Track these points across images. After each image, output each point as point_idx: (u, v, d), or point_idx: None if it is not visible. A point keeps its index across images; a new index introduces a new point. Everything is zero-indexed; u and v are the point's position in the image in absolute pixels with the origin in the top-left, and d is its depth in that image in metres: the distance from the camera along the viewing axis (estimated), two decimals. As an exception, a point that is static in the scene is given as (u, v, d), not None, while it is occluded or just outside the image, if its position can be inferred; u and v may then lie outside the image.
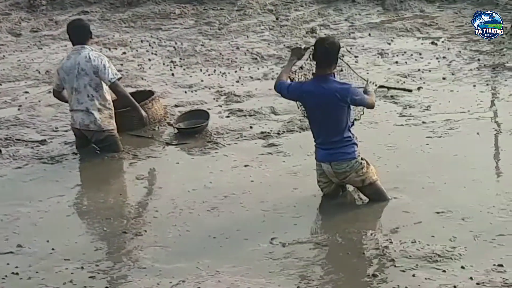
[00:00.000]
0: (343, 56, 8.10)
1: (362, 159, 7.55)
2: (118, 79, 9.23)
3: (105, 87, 9.19)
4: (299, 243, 7.04)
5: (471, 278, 6.26)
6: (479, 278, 6.26)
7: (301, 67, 8.21)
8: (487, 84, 10.76)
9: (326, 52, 7.47)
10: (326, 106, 7.44)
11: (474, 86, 10.71)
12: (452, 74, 11.17)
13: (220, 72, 12.00)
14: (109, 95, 9.28)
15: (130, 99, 9.36)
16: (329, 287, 6.30)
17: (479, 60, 11.57)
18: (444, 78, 11.06)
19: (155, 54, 13.04)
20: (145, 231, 7.46)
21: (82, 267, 6.87)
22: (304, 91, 7.62)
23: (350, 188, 7.86)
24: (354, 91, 7.46)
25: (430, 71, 11.36)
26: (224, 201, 7.94)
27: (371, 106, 7.73)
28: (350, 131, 7.53)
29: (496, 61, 11.43)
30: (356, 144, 7.55)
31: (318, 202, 7.79)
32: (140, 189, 8.50)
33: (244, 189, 8.16)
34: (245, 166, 8.73)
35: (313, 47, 7.64)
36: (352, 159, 7.48)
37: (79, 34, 9.25)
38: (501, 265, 6.41)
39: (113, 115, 9.29)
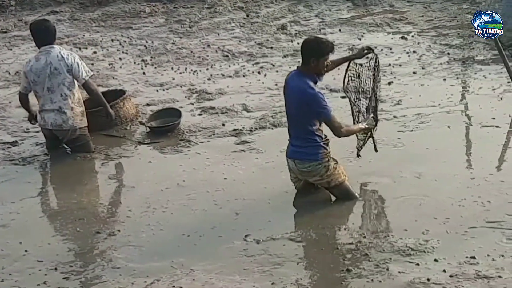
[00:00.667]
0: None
1: (329, 161, 7.52)
2: (91, 77, 9.21)
3: (77, 85, 9.14)
4: (273, 239, 7.05)
5: (444, 270, 6.31)
6: (452, 270, 6.30)
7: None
8: (457, 78, 10.82)
9: (302, 48, 7.45)
10: (294, 102, 7.44)
11: (444, 80, 10.77)
12: (423, 68, 11.23)
13: (192, 70, 11.98)
14: (79, 94, 9.24)
15: (101, 97, 9.33)
16: (304, 283, 6.31)
17: (449, 54, 11.64)
18: (414, 73, 11.11)
19: (126, 53, 13.00)
20: (119, 230, 7.44)
21: (55, 268, 6.84)
22: (286, 80, 7.64)
23: (323, 183, 7.88)
24: (320, 102, 7.27)
25: (400, 65, 11.41)
26: (197, 199, 7.94)
27: (338, 131, 7.40)
28: (317, 134, 7.43)
29: (465, 55, 11.50)
30: (323, 147, 7.47)
31: (292, 198, 7.81)
32: (113, 189, 8.47)
33: (218, 187, 8.15)
34: (218, 163, 8.72)
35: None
36: (314, 161, 7.45)
37: (46, 34, 9.17)
38: (473, 257, 6.46)
39: (85, 113, 9.25)
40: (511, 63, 10.26)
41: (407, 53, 11.90)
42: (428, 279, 6.19)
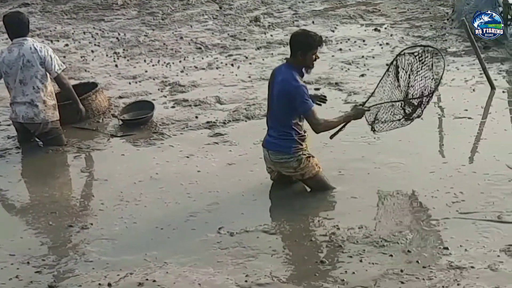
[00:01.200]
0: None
1: (302, 155, 7.51)
2: (63, 71, 9.15)
3: (49, 78, 9.08)
4: (246, 232, 7.04)
5: (417, 261, 6.32)
6: (425, 261, 6.32)
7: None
8: (430, 70, 10.83)
9: (290, 41, 7.47)
10: (276, 93, 7.43)
11: (417, 71, 10.79)
12: (396, 60, 11.24)
13: (164, 62, 11.94)
14: (51, 87, 9.17)
15: (72, 91, 9.28)
16: (278, 275, 6.30)
17: (421, 46, 11.66)
18: (387, 65, 11.11)
19: (98, 46, 12.93)
20: (91, 224, 7.39)
21: (28, 262, 6.78)
22: (273, 71, 7.66)
23: (297, 175, 7.88)
24: (302, 96, 7.26)
25: (373, 57, 11.44)
26: (170, 192, 7.91)
27: (316, 127, 7.34)
28: (294, 128, 7.44)
29: (438, 47, 11.53)
30: (298, 142, 7.47)
31: (265, 190, 7.80)
32: (85, 182, 8.42)
33: (191, 180, 8.13)
34: (191, 156, 8.70)
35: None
36: (286, 154, 7.46)
37: (19, 27, 9.10)
38: (446, 248, 6.48)
39: (57, 107, 9.19)
40: (484, 55, 10.33)
41: (380, 45, 11.93)
42: (401, 270, 6.20)
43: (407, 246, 6.58)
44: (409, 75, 7.73)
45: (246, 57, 11.92)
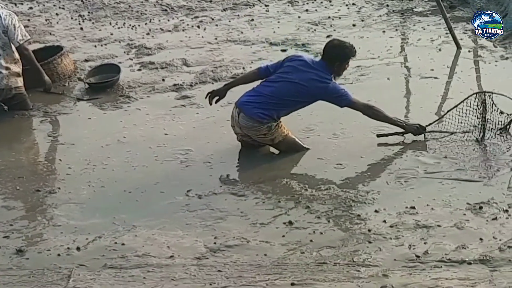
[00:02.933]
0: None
1: (273, 122, 7.55)
2: (26, 41, 9.05)
3: (13, 46, 8.98)
4: (214, 194, 7.05)
5: (384, 221, 6.37)
6: (392, 220, 6.37)
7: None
8: (396, 30, 10.88)
9: (327, 51, 7.61)
10: (298, 80, 7.48)
11: (384, 32, 10.82)
12: (362, 20, 11.26)
13: (130, 25, 11.85)
14: (17, 54, 9.07)
15: (35, 63, 9.19)
16: (246, 236, 6.32)
17: (388, 6, 11.69)
18: (354, 25, 11.14)
19: (63, 9, 12.78)
20: (59, 188, 7.36)
21: (-5, 228, 6.76)
22: (300, 56, 7.81)
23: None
24: (339, 90, 7.49)
25: (340, 18, 11.43)
26: (138, 155, 7.89)
27: (364, 110, 7.59)
28: (280, 115, 7.55)
29: (404, 7, 11.57)
30: (275, 121, 7.55)
31: (233, 153, 7.80)
32: (52, 146, 8.37)
33: (159, 143, 8.11)
34: (159, 119, 8.67)
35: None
36: (257, 122, 7.49)
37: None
38: (413, 207, 6.54)
39: (21, 73, 9.09)
40: (449, 14, 10.35)
41: (347, 5, 11.92)
42: (369, 230, 6.25)
43: (374, 206, 6.63)
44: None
45: (212, 19, 11.86)
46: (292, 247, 6.13)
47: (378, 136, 7.79)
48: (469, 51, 10.02)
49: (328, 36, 10.63)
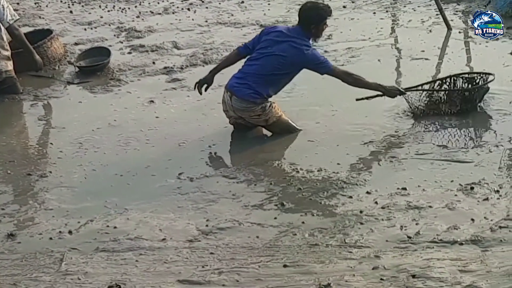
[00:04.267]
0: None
1: (267, 102, 7.55)
2: (15, 21, 9.01)
3: (3, 29, 8.93)
4: (206, 176, 7.05)
5: (376, 202, 6.39)
6: (384, 202, 6.38)
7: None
8: (387, 11, 10.87)
9: (301, 15, 7.58)
10: (279, 52, 7.45)
11: (374, 13, 10.81)
12: (352, 2, 11.24)
13: (120, 7, 11.80)
14: (6, 37, 9.03)
15: (25, 43, 9.16)
16: (238, 219, 6.33)
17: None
18: (344, 7, 11.12)
19: (52, -9, 12.73)
20: (50, 172, 7.35)
21: (-14, 212, 6.75)
22: (275, 27, 7.80)
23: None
24: (319, 58, 7.44)
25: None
26: (129, 139, 7.87)
27: (345, 78, 7.50)
28: (270, 92, 7.53)
29: (395, -12, 11.54)
30: (266, 99, 7.54)
31: (224, 135, 7.80)
32: (43, 130, 8.35)
33: (150, 126, 8.10)
34: (150, 102, 8.65)
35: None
36: (252, 103, 7.49)
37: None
38: (404, 189, 6.55)
39: (11, 56, 9.06)
40: (440, -4, 10.33)
41: (337, -13, 11.89)
42: (361, 211, 6.26)
43: (366, 187, 6.64)
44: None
45: (203, 1, 11.83)
46: (284, 229, 6.13)
47: (357, 99, 7.78)
48: (459, 32, 10.02)
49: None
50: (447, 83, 7.98)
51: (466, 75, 8.07)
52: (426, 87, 7.92)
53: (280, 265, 5.66)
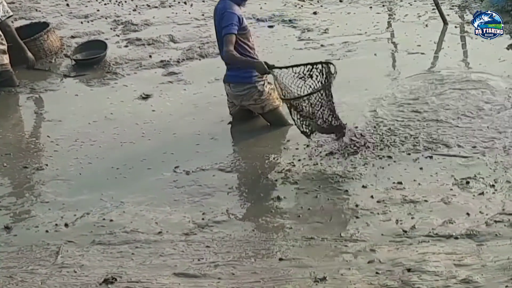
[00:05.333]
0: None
1: (264, 85, 7.54)
2: (9, 18, 9.00)
3: (-2, 24, 8.96)
4: (202, 170, 7.06)
5: (372, 196, 6.39)
6: (380, 196, 6.39)
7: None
8: (383, 6, 10.86)
9: None
10: (217, 25, 7.46)
11: (371, 7, 10.81)
12: (349, -4, 11.23)
13: (116, 1, 11.78)
14: (1, 31, 9.02)
15: (17, 40, 9.17)
16: (234, 212, 6.35)
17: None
18: (341, 1, 11.12)
19: (48, -16, 12.71)
20: (46, 165, 7.35)
21: (-17, 204, 6.76)
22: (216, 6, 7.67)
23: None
24: (227, 20, 7.30)
25: (326, -6, 11.40)
26: (126, 132, 7.88)
27: (223, 51, 7.29)
28: (247, 55, 7.44)
29: (391, -18, 11.53)
30: (260, 79, 7.50)
31: (220, 129, 7.80)
32: (39, 123, 8.36)
33: (146, 119, 8.10)
34: (146, 95, 8.65)
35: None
36: (248, 83, 7.48)
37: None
38: (400, 183, 6.56)
39: (7, 50, 9.05)
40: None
41: (334, -19, 11.88)
42: (357, 205, 6.27)
43: (362, 182, 6.65)
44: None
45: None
46: (279, 223, 6.15)
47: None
48: (455, 27, 10.02)
49: (314, 13, 10.61)
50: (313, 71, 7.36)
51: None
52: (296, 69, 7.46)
53: (276, 259, 5.68)
